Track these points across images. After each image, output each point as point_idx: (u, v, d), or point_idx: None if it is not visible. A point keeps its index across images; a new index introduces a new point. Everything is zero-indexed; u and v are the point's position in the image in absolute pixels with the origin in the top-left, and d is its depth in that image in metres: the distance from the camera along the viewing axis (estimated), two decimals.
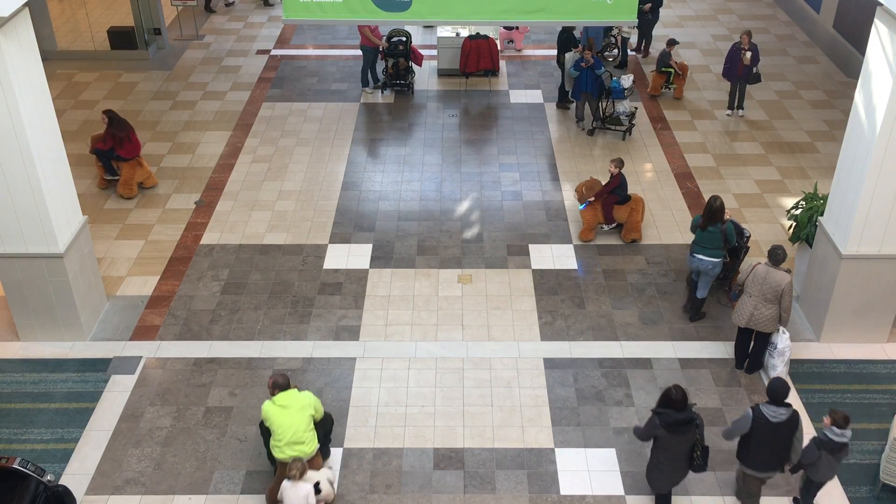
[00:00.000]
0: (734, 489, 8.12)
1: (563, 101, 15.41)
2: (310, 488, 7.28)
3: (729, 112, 15.10)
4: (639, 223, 11.63)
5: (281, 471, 7.67)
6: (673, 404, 7.32)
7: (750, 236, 10.55)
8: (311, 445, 7.62)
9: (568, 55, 14.63)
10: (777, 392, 7.35)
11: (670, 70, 15.53)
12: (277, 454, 7.57)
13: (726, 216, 9.84)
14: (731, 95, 15.00)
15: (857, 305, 9.68)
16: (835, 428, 7.34)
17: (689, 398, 7.42)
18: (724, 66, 14.82)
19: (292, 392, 7.60)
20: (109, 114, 12.40)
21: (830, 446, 7.35)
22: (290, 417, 7.48)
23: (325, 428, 8.13)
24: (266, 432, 7.79)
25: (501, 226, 12.13)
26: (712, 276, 9.94)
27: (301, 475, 7.29)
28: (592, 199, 11.53)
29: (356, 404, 9.14)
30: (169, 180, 13.20)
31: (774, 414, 7.32)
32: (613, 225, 11.87)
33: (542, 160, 13.81)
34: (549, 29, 18.94)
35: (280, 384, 7.59)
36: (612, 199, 11.55)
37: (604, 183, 11.66)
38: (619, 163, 11.44)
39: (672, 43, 15.55)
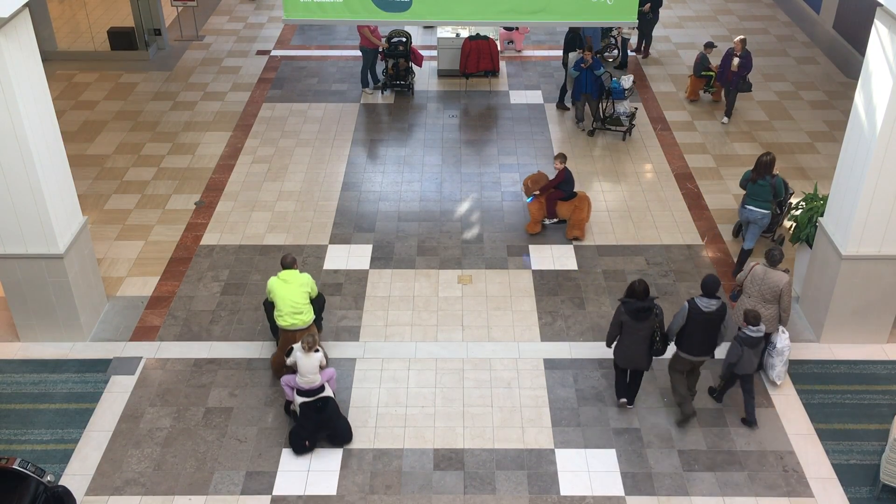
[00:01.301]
0: (674, 400, 8.99)
1: (561, 102, 15.40)
2: (320, 357, 8.44)
3: (724, 120, 14.83)
4: (583, 221, 11.74)
5: (283, 340, 9.11)
6: (636, 294, 8.38)
7: (794, 192, 11.28)
8: (308, 315, 9.08)
9: (571, 55, 14.64)
10: (709, 286, 8.43)
11: (711, 73, 15.36)
12: (280, 322, 9.03)
13: (774, 171, 10.63)
14: (727, 101, 14.81)
15: (857, 306, 9.68)
16: (750, 326, 8.46)
17: (650, 291, 8.44)
18: (718, 71, 14.75)
19: (294, 271, 9.06)
20: None
21: (749, 342, 8.51)
22: (291, 291, 8.94)
23: (319, 304, 9.53)
24: (270, 307, 9.26)
25: (501, 226, 12.13)
26: (761, 226, 10.69)
27: (311, 348, 8.38)
28: (538, 192, 11.71)
29: (356, 405, 9.14)
30: (169, 181, 13.21)
31: (706, 305, 8.39)
32: (556, 220, 12.00)
33: (543, 161, 13.80)
34: (549, 30, 18.95)
35: (286, 263, 9.12)
36: (556, 195, 11.71)
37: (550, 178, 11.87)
38: (563, 158, 11.61)
39: (710, 46, 15.34)
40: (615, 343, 8.75)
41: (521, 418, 8.98)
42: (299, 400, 8.47)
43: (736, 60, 14.07)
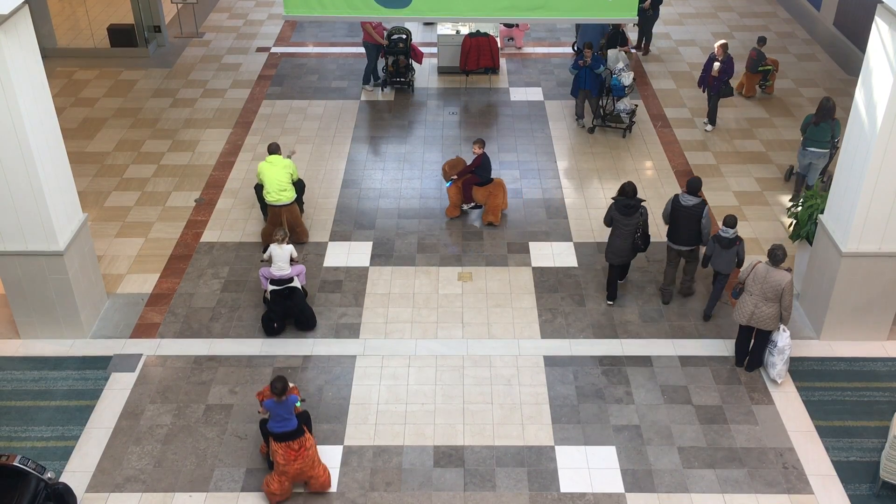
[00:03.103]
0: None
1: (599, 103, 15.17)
2: (291, 249, 9.84)
3: (708, 128, 14.54)
4: (498, 207, 11.92)
5: (271, 214, 11.12)
6: (626, 193, 9.99)
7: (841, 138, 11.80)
8: (291, 193, 11.06)
9: (611, 52, 14.53)
10: (692, 185, 10.00)
11: (769, 68, 15.36)
12: (268, 199, 11.01)
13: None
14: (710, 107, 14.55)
15: (857, 303, 9.68)
16: (726, 227, 9.67)
17: (637, 192, 10.02)
18: (700, 75, 14.48)
19: (278, 156, 11.13)
20: None
21: (723, 242, 9.73)
22: (276, 171, 10.96)
23: (299, 187, 11.57)
24: (259, 189, 11.36)
25: (501, 223, 12.13)
26: (820, 167, 11.96)
27: (283, 240, 9.79)
28: (455, 177, 11.85)
29: (356, 402, 9.14)
30: (169, 178, 13.20)
31: (686, 200, 9.93)
32: (472, 205, 12.20)
33: (543, 158, 13.80)
34: (549, 27, 18.93)
35: (271, 149, 11.21)
36: (472, 180, 11.85)
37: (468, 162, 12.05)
38: (482, 143, 11.77)
39: (762, 41, 15.26)
40: (607, 244, 10.28)
41: (522, 415, 8.99)
42: (271, 288, 9.85)
43: (717, 65, 13.81)
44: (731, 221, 9.66)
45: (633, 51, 17.30)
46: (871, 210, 9.06)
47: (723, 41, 14.00)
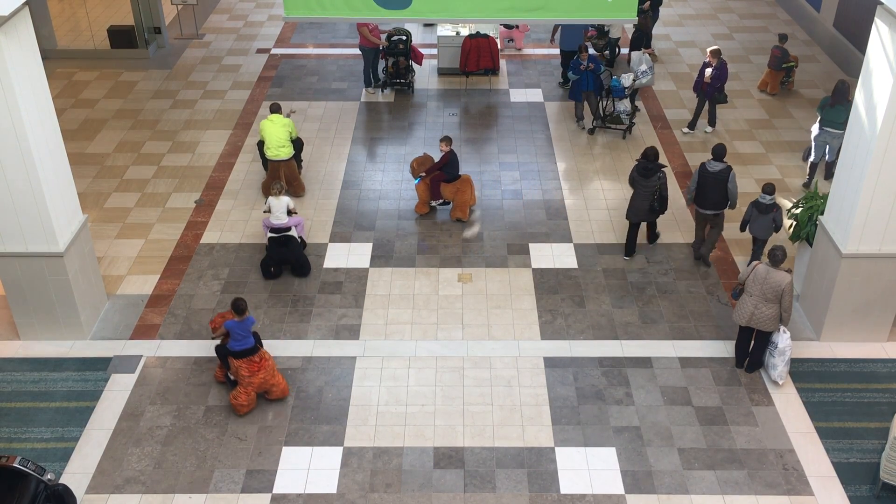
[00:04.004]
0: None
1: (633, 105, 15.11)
2: (288, 200, 10.81)
3: (686, 130, 14.48)
4: (466, 203, 12.09)
5: (270, 169, 12.25)
6: (646, 156, 10.71)
7: None
8: (288, 150, 12.12)
9: (635, 54, 14.51)
10: (718, 152, 10.63)
11: (792, 64, 15.57)
12: (268, 154, 12.12)
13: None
14: (695, 112, 14.39)
15: (857, 304, 9.68)
16: (765, 194, 10.23)
17: (659, 157, 10.75)
18: (696, 79, 14.29)
19: (279, 115, 12.16)
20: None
21: (760, 207, 10.31)
22: (275, 129, 12.02)
23: (298, 145, 12.62)
24: (261, 145, 12.38)
25: (501, 225, 12.13)
26: (836, 147, 12.36)
27: (280, 193, 10.79)
28: (424, 174, 11.97)
29: (356, 403, 9.14)
30: (169, 179, 13.20)
31: (712, 167, 10.58)
32: (441, 201, 12.34)
33: (543, 159, 13.81)
34: (549, 28, 18.93)
35: (273, 109, 12.24)
36: (440, 177, 11.99)
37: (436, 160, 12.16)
38: (449, 141, 11.89)
39: (784, 38, 15.49)
40: (628, 204, 11.07)
41: (522, 416, 8.98)
42: (269, 235, 10.83)
43: (709, 71, 13.74)
44: (769, 189, 10.21)
45: (656, 54, 17.29)
46: (871, 211, 9.06)
47: (715, 47, 13.94)
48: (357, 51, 16.66)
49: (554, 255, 11.48)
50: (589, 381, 9.44)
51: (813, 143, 12.79)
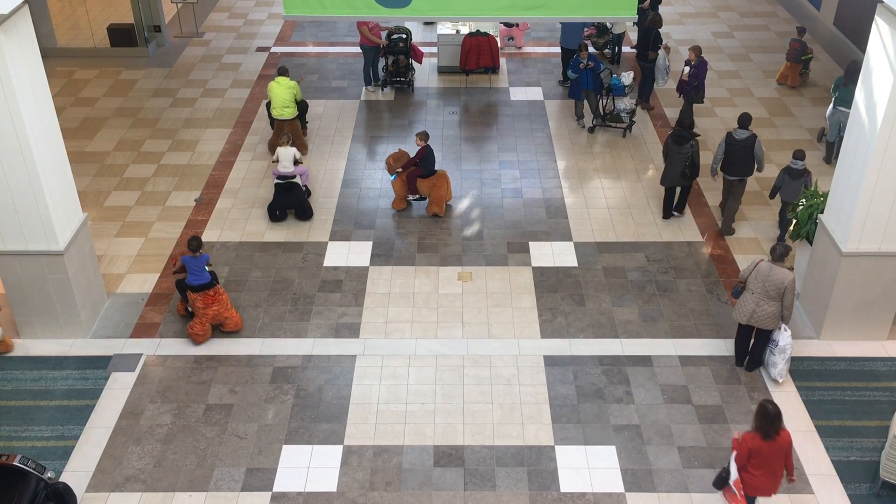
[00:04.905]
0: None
1: (647, 103, 15.12)
2: (294, 150, 11.79)
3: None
4: (442, 198, 12.16)
5: (276, 127, 13.36)
6: (681, 124, 11.58)
7: None
8: (293, 111, 13.21)
9: (661, 53, 14.43)
10: (743, 121, 11.30)
11: (810, 56, 15.78)
12: (274, 114, 13.19)
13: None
14: (681, 113, 14.14)
15: (857, 303, 9.68)
16: (796, 160, 10.95)
17: (694, 127, 11.74)
18: (678, 80, 14.24)
19: (286, 78, 13.10)
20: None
21: (792, 173, 11.01)
22: (281, 90, 13.01)
23: (302, 107, 13.73)
24: (268, 105, 13.37)
25: (501, 223, 12.13)
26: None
27: (286, 143, 11.81)
28: (400, 170, 12.05)
29: (356, 401, 9.14)
30: (169, 178, 13.20)
31: (738, 135, 11.25)
32: (417, 196, 12.37)
33: (543, 157, 13.80)
34: (549, 26, 18.92)
35: (280, 71, 13.17)
36: (416, 172, 12.04)
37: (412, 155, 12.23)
38: (425, 136, 11.97)
39: (802, 31, 15.68)
40: (663, 171, 11.88)
41: (521, 415, 8.99)
42: (276, 182, 11.81)
43: (686, 69, 13.64)
44: (800, 154, 10.94)
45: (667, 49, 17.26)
46: (871, 210, 9.06)
47: (695, 45, 13.89)
48: (357, 49, 16.66)
49: (554, 254, 11.48)
50: (589, 380, 9.44)
51: (828, 122, 13.31)
